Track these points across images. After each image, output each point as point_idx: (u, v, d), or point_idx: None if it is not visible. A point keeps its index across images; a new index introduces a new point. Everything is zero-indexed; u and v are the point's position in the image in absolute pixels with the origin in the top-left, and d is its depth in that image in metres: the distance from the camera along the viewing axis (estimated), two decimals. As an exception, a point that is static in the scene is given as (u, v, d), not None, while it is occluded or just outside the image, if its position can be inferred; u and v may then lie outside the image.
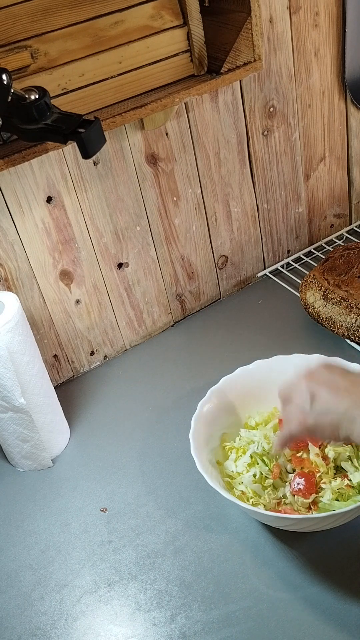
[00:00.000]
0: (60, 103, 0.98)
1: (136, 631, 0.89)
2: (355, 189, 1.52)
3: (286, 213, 1.44)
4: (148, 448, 1.14)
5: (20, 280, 1.16)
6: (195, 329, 1.39)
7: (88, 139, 0.85)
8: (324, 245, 1.52)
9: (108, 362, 1.35)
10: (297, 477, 0.95)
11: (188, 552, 0.97)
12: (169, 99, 1.03)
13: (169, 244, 1.31)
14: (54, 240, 1.16)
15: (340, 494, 0.93)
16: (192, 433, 1.00)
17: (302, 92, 1.32)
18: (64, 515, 1.06)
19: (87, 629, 0.90)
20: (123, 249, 1.25)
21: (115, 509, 1.05)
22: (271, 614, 0.87)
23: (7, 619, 0.93)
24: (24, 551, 1.02)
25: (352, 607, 0.86)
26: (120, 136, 1.15)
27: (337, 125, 1.41)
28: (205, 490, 1.02)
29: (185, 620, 0.89)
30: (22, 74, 0.95)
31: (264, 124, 1.31)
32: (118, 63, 1.02)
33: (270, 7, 1.19)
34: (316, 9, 1.25)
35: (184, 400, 1.20)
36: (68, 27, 0.96)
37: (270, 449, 0.99)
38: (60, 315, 1.24)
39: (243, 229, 1.40)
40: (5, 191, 1.08)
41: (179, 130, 1.21)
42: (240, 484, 0.98)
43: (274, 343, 1.28)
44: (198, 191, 1.29)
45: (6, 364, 1.01)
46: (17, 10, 0.91)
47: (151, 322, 1.37)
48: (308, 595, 0.89)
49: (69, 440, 1.19)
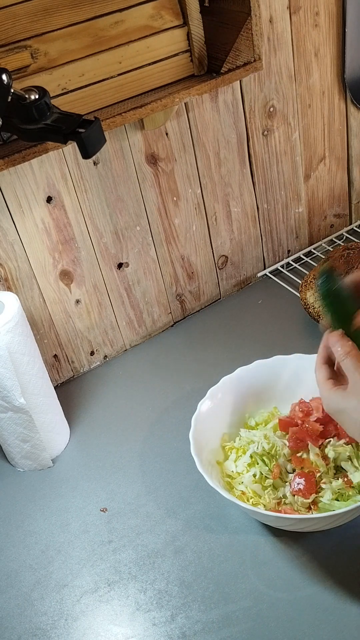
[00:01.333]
0: (60, 103, 0.98)
1: (136, 631, 0.89)
2: (355, 189, 1.52)
3: (286, 213, 1.44)
4: (148, 448, 1.14)
5: (20, 280, 1.16)
6: (195, 329, 1.39)
7: (88, 139, 0.85)
8: (324, 245, 1.52)
9: (108, 362, 1.35)
10: (297, 477, 0.95)
11: (188, 552, 0.97)
12: (169, 99, 1.03)
13: (169, 244, 1.31)
14: (54, 240, 1.16)
15: (340, 494, 0.93)
16: (192, 433, 1.00)
17: (302, 92, 1.32)
18: (64, 515, 1.06)
19: (87, 629, 0.90)
20: (123, 249, 1.25)
21: (115, 509, 1.05)
22: (271, 614, 0.87)
23: (7, 619, 0.93)
24: (24, 551, 1.02)
25: (352, 607, 0.86)
26: (120, 136, 1.15)
27: (337, 125, 1.41)
28: (205, 490, 1.02)
29: (185, 620, 0.89)
30: (22, 74, 0.95)
31: (264, 124, 1.31)
32: (118, 63, 1.02)
33: (270, 7, 1.19)
34: (316, 9, 1.25)
35: (184, 400, 1.20)
36: (68, 27, 0.96)
37: (271, 449, 0.99)
38: (60, 315, 1.24)
39: (243, 229, 1.40)
40: (5, 191, 1.08)
41: (179, 130, 1.21)
42: (240, 484, 0.98)
43: (274, 343, 1.28)
44: (198, 191, 1.29)
45: (6, 364, 1.02)
46: (17, 10, 0.91)
47: (151, 322, 1.37)
48: (308, 595, 0.89)
49: (69, 440, 1.19)
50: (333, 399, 0.80)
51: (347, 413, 0.78)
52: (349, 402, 0.77)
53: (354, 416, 0.77)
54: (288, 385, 1.08)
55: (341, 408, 0.79)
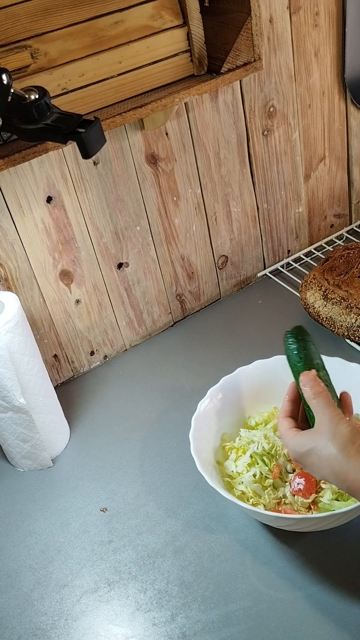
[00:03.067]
0: (60, 103, 0.98)
1: (136, 631, 0.89)
2: (355, 189, 1.52)
3: (286, 213, 1.44)
4: (148, 448, 1.14)
5: (20, 280, 1.16)
6: (195, 329, 1.38)
7: (88, 139, 0.85)
8: (324, 245, 1.52)
9: (108, 362, 1.35)
10: (297, 477, 0.95)
11: (188, 552, 0.97)
12: (169, 99, 1.03)
13: (169, 244, 1.31)
14: (54, 240, 1.16)
15: (340, 494, 0.93)
16: (192, 433, 1.00)
17: (302, 92, 1.32)
18: (64, 515, 1.06)
19: (87, 629, 0.90)
20: (123, 249, 1.25)
21: (115, 509, 1.05)
22: (271, 614, 0.87)
23: (7, 619, 0.93)
24: (24, 551, 1.02)
25: (352, 607, 0.86)
26: (120, 136, 1.15)
27: (337, 125, 1.41)
28: (205, 490, 1.02)
29: (185, 620, 0.89)
30: (22, 74, 0.95)
31: (264, 124, 1.31)
32: (118, 63, 1.02)
33: (270, 7, 1.19)
34: (316, 9, 1.25)
35: (184, 400, 1.20)
36: (68, 27, 0.96)
37: (271, 449, 0.99)
38: (60, 315, 1.24)
39: (243, 229, 1.40)
40: (5, 191, 1.08)
41: (179, 130, 1.21)
42: (240, 484, 0.98)
43: (274, 343, 1.27)
44: (198, 191, 1.29)
45: (6, 364, 1.02)
46: (17, 10, 0.91)
47: (151, 322, 1.37)
48: (308, 595, 0.89)
49: (69, 440, 1.19)
50: (299, 441, 0.79)
51: (315, 452, 0.77)
52: (316, 441, 0.77)
53: (324, 453, 0.76)
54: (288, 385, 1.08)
55: (309, 449, 0.78)
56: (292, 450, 0.81)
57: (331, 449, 0.75)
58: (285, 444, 0.83)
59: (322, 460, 0.76)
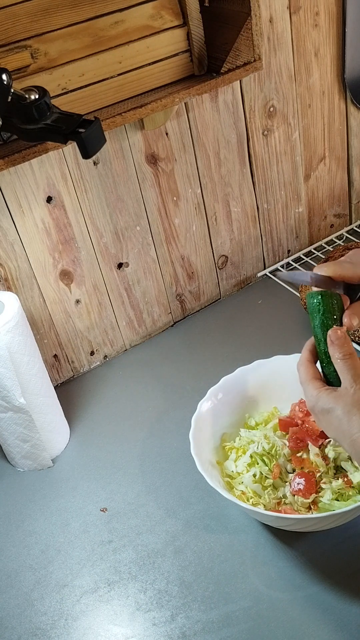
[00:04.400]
0: (60, 103, 0.98)
1: (136, 631, 0.89)
2: (355, 189, 1.52)
3: (286, 213, 1.44)
4: (148, 448, 1.14)
5: (20, 280, 1.16)
6: (195, 329, 1.38)
7: (88, 139, 0.85)
8: (324, 245, 1.52)
9: (108, 362, 1.35)
10: (297, 477, 0.95)
11: (188, 552, 0.97)
12: (169, 99, 1.03)
13: (169, 244, 1.31)
14: (54, 240, 1.16)
15: (340, 494, 0.93)
16: (192, 433, 1.00)
17: (302, 92, 1.32)
18: (64, 515, 1.06)
19: (87, 629, 0.90)
20: (123, 249, 1.25)
21: (115, 509, 1.05)
22: (271, 614, 0.87)
23: (7, 619, 0.93)
24: (24, 551, 1.02)
25: (352, 607, 0.86)
26: (120, 136, 1.15)
27: (337, 125, 1.41)
28: (205, 490, 1.02)
29: (185, 620, 0.89)
30: (22, 74, 0.95)
31: (264, 124, 1.31)
32: (118, 63, 1.02)
33: (270, 7, 1.19)
34: (316, 9, 1.25)
35: (184, 400, 1.20)
36: (68, 27, 0.96)
37: (271, 449, 0.99)
38: (60, 315, 1.24)
39: (243, 229, 1.40)
40: (5, 191, 1.08)
41: (179, 130, 1.21)
42: (240, 484, 0.98)
43: (274, 343, 1.28)
44: (198, 191, 1.29)
45: (6, 364, 1.02)
46: (17, 10, 0.91)
47: (151, 322, 1.37)
48: (308, 595, 0.89)
49: (69, 440, 1.19)
50: (322, 398, 0.77)
51: (335, 414, 0.75)
52: (338, 403, 0.75)
53: (343, 418, 0.74)
54: (288, 385, 1.08)
55: (329, 408, 0.76)
56: (312, 403, 0.78)
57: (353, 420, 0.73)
58: (305, 393, 0.79)
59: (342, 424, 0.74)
